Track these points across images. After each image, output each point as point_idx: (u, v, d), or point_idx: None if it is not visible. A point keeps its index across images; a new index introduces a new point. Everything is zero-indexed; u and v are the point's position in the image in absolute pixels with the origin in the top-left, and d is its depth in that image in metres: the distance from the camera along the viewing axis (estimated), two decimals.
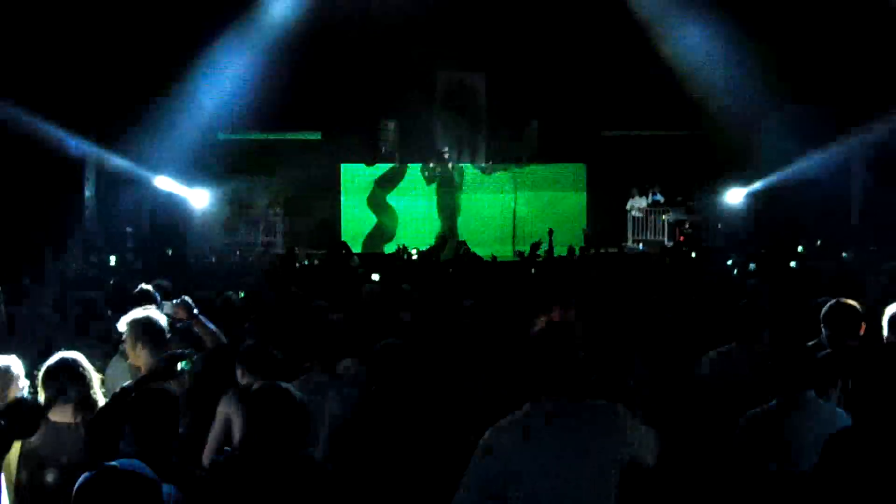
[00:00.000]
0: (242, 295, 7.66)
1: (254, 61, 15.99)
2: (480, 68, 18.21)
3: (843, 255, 12.01)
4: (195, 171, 16.89)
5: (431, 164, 17.63)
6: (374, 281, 8.99)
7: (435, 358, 5.03)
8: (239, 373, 4.69)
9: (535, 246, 11.93)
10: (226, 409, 4.51)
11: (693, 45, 15.98)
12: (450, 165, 17.54)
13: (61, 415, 3.78)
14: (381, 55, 16.96)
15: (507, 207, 17.77)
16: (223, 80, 15.89)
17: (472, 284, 8.59)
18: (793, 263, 10.52)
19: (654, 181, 17.87)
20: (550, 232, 14.43)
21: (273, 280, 9.71)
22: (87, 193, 16.57)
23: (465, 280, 9.20)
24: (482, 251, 12.86)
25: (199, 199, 17.41)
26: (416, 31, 16.43)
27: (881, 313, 4.63)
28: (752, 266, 10.08)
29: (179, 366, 4.02)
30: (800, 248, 13.07)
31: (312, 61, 16.74)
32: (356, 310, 6.51)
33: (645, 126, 17.73)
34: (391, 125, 18.04)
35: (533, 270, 10.66)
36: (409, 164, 17.83)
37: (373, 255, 14.75)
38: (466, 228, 17.09)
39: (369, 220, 17.73)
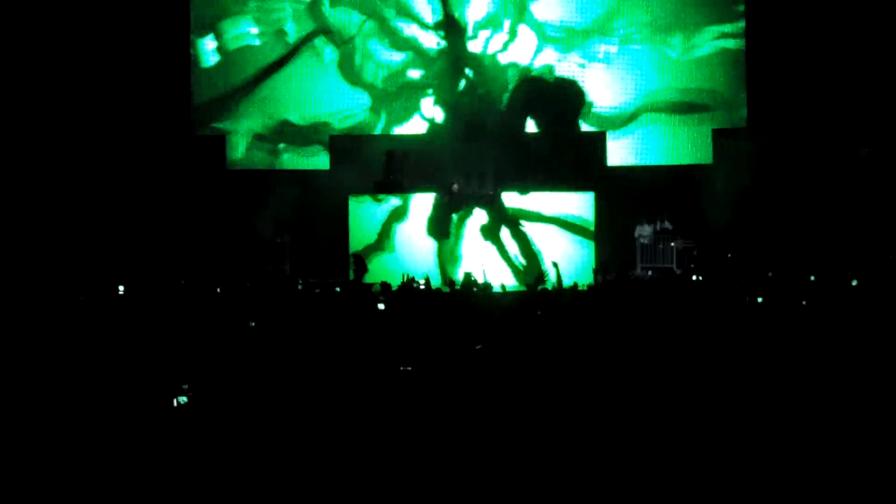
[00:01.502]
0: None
1: None
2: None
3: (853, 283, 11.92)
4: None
5: (441, 195, 17.63)
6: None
7: None
8: None
9: (538, 279, 11.79)
10: None
11: None
12: (459, 196, 17.55)
13: None
14: None
15: (515, 236, 17.75)
16: None
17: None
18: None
19: (662, 210, 17.87)
20: (556, 265, 14.23)
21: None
22: None
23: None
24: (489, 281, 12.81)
25: None
26: None
27: None
28: (759, 300, 10.01)
29: None
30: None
31: None
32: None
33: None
34: (399, 153, 18.08)
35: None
36: (417, 194, 17.84)
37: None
38: (473, 258, 17.08)
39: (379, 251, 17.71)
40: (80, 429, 4.29)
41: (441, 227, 17.65)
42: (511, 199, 17.84)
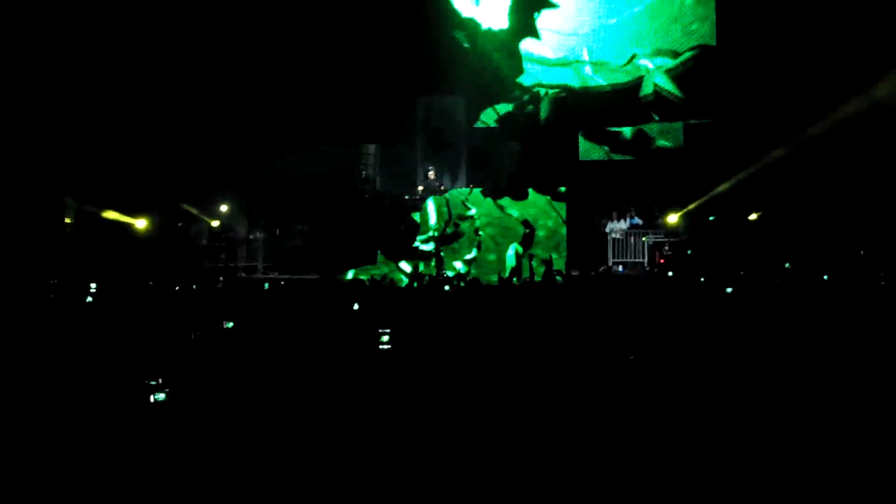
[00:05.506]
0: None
1: None
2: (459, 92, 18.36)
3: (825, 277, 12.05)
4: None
5: (420, 188, 17.57)
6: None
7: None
8: None
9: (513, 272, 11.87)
10: None
11: None
12: (440, 186, 17.52)
13: None
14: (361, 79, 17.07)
15: (491, 230, 17.74)
16: None
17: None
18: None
19: (631, 204, 17.98)
20: (550, 262, 14.17)
21: None
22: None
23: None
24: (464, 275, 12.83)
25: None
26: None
27: None
28: (728, 290, 10.13)
29: None
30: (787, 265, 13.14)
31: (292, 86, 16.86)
32: None
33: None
34: (371, 149, 18.06)
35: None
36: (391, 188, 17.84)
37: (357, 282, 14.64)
38: (450, 252, 17.05)
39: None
40: (57, 425, 4.23)
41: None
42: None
